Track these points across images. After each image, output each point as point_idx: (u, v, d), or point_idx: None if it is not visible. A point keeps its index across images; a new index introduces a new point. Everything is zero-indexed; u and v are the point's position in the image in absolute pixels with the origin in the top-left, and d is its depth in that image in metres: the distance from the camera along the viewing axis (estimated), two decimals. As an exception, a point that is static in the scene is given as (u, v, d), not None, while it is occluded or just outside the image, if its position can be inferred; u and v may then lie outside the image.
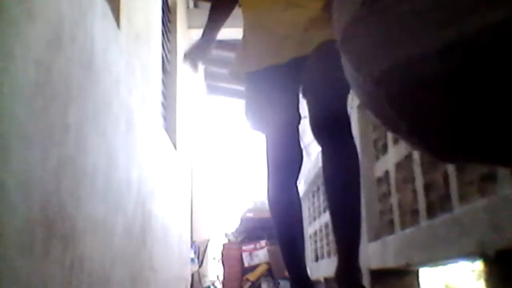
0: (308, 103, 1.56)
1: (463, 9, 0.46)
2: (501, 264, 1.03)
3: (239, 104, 8.98)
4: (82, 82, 1.61)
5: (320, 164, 3.49)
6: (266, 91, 1.65)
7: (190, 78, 5.47)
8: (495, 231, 1.02)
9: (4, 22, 1.10)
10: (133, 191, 2.33)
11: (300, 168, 1.62)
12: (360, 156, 2.10)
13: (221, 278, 6.37)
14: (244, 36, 1.78)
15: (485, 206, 1.08)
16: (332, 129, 1.48)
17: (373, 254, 1.99)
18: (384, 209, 2.00)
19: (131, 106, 2.34)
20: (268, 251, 5.96)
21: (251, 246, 6.05)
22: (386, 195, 1.96)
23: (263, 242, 6.04)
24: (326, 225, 3.42)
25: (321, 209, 3.63)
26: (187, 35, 5.21)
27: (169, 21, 4.29)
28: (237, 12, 1.94)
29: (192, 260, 5.14)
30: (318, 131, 1.51)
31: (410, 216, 1.77)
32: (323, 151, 1.54)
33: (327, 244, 3.41)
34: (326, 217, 3.42)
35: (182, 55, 1.91)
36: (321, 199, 3.61)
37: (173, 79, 4.30)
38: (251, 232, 6.26)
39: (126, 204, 2.19)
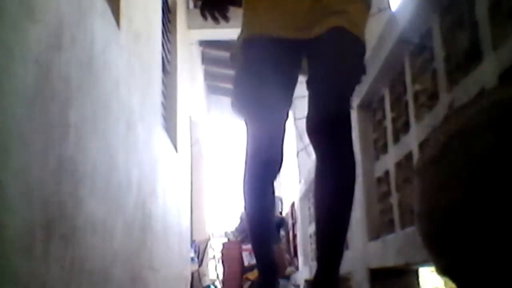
0: (310, 98, 1.43)
1: None
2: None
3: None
4: (82, 82, 1.60)
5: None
6: (263, 67, 1.48)
7: (190, 78, 5.47)
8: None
9: (4, 22, 1.10)
10: (133, 191, 2.33)
11: (279, 169, 1.52)
12: (360, 156, 2.11)
13: (221, 277, 6.37)
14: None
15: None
16: (332, 134, 1.36)
17: (373, 253, 1.99)
18: (384, 208, 2.00)
19: (131, 106, 2.34)
20: (268, 250, 5.95)
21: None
22: (386, 194, 1.97)
23: (263, 242, 6.03)
24: (326, 225, 3.42)
25: (321, 208, 3.62)
26: (187, 35, 5.21)
27: (169, 21, 4.29)
28: (237, 12, 1.94)
29: (192, 259, 5.15)
30: (316, 132, 1.39)
31: (410, 215, 1.77)
32: (317, 154, 1.42)
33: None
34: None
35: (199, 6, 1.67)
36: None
37: (173, 79, 4.29)
38: (251, 231, 6.26)
39: (126, 204, 2.19)
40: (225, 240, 6.64)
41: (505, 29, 1.11)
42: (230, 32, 5.42)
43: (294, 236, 5.10)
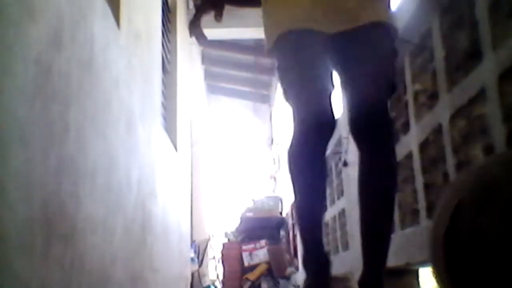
0: (349, 97, 1.41)
1: None
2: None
3: (239, 104, 8.98)
4: (82, 82, 1.61)
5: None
6: (302, 55, 1.39)
7: (190, 78, 5.47)
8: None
9: (4, 22, 1.10)
10: (133, 191, 2.33)
11: (332, 131, 1.36)
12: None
13: (221, 277, 6.37)
14: None
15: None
16: (377, 135, 1.36)
17: (373, 253, 1.99)
18: (384, 208, 2.00)
19: (131, 106, 2.34)
20: (268, 250, 5.96)
21: (251, 246, 6.05)
22: (386, 194, 1.96)
23: (263, 242, 6.04)
24: (326, 225, 3.42)
25: (321, 208, 3.62)
26: (187, 35, 5.21)
27: (169, 21, 4.29)
28: (237, 12, 1.93)
29: (192, 259, 5.14)
30: (360, 134, 1.38)
31: (410, 215, 1.77)
32: (363, 156, 1.41)
33: (327, 244, 3.41)
34: (326, 216, 3.41)
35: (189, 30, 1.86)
36: (321, 199, 3.60)
37: (173, 79, 4.29)
38: (251, 231, 6.27)
39: (126, 204, 2.19)
40: (225, 240, 6.64)
41: (505, 29, 1.11)
42: (230, 32, 5.43)
43: (294, 236, 5.10)
